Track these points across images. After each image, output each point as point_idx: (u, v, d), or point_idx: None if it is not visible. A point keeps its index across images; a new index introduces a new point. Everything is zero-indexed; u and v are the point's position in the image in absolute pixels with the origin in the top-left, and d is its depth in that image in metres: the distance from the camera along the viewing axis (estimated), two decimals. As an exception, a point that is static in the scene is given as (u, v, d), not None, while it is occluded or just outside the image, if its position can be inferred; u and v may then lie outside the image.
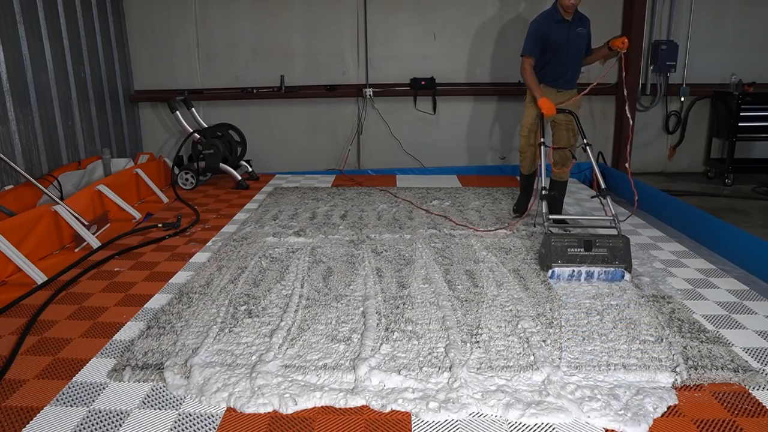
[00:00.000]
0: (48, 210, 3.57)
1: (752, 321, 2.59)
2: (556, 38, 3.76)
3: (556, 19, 3.75)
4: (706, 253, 3.57)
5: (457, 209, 4.55)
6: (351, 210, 4.54)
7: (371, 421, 1.89)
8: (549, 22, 3.76)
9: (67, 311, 2.73)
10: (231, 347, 2.32)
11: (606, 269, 2.97)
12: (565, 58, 3.81)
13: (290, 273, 3.16)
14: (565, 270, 2.98)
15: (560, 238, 3.07)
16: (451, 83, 6.12)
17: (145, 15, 6.05)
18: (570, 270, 2.97)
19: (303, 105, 6.25)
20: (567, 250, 3.00)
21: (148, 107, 6.31)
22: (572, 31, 3.77)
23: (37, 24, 4.58)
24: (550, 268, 3.00)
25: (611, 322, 2.55)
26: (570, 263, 2.98)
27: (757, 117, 5.64)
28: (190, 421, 1.88)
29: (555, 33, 3.75)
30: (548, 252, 3.04)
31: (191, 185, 5.48)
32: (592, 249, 2.99)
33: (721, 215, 4.17)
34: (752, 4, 5.87)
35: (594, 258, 2.97)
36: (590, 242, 3.01)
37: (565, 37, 3.76)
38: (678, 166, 6.33)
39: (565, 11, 3.72)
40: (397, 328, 2.48)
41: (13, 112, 4.24)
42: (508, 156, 6.27)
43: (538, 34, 3.77)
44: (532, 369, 2.14)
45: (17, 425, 1.85)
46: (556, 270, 3.00)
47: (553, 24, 3.75)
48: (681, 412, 1.93)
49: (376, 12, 6.02)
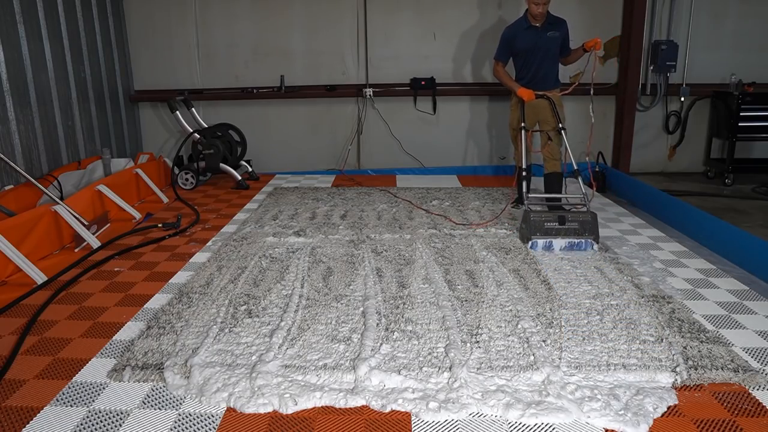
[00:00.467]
0: (48, 210, 3.57)
1: (752, 321, 2.59)
2: (523, 44, 4.17)
3: (524, 26, 4.16)
4: (706, 253, 3.57)
5: (457, 209, 4.55)
6: (351, 210, 4.54)
7: (371, 421, 1.89)
8: (518, 30, 4.20)
9: (67, 311, 2.73)
10: (231, 347, 2.32)
11: (577, 240, 3.46)
12: (534, 60, 4.20)
13: (290, 273, 3.16)
14: (541, 241, 3.47)
15: (538, 214, 3.56)
16: (451, 83, 6.12)
17: (145, 15, 6.05)
18: (546, 241, 3.46)
19: (303, 105, 6.25)
20: (544, 224, 3.49)
21: (148, 107, 6.31)
22: (542, 35, 4.14)
23: (37, 24, 4.58)
24: (530, 239, 3.49)
25: (611, 322, 2.55)
26: (547, 235, 3.47)
27: (757, 117, 5.63)
28: (190, 421, 1.88)
29: (522, 39, 4.16)
30: (528, 226, 3.53)
31: (191, 185, 5.48)
32: (565, 223, 3.49)
33: (721, 215, 4.17)
34: (752, 4, 5.87)
35: (567, 231, 3.48)
36: (563, 217, 3.50)
37: (533, 42, 4.15)
38: (678, 166, 6.33)
39: (534, 19, 4.12)
40: (397, 328, 2.48)
41: (13, 112, 4.24)
42: (507, 156, 6.26)
43: (505, 41, 4.26)
44: (532, 369, 2.14)
45: (17, 425, 1.85)
46: (538, 241, 3.48)
47: (521, 31, 4.17)
48: (681, 412, 1.93)
49: (376, 12, 6.02)
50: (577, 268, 3.20)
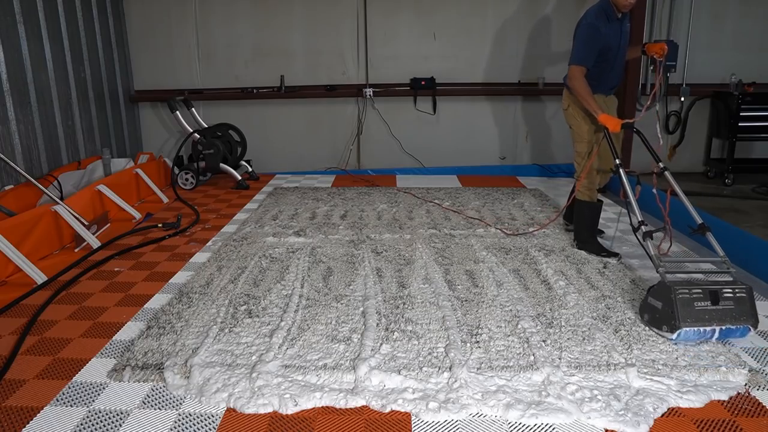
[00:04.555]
0: (48, 210, 3.57)
1: (752, 321, 2.58)
2: (611, 41, 3.30)
3: (611, 17, 3.27)
4: (706, 253, 3.56)
5: (457, 209, 4.55)
6: (351, 210, 4.54)
7: (371, 422, 1.89)
8: (604, 23, 3.25)
9: (67, 311, 2.73)
10: (231, 347, 2.32)
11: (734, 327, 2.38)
12: (618, 61, 3.40)
13: (290, 273, 3.16)
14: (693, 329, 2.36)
15: (685, 289, 2.40)
16: (451, 83, 6.11)
17: (145, 15, 6.05)
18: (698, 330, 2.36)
19: (303, 105, 6.24)
20: (694, 305, 2.38)
21: (148, 107, 6.30)
22: (623, 30, 3.37)
23: (37, 24, 4.57)
24: (677, 328, 2.34)
25: (612, 322, 2.55)
26: (699, 322, 2.36)
27: (757, 117, 5.63)
28: (190, 422, 1.88)
29: (610, 34, 3.29)
30: (672, 308, 2.37)
31: (191, 185, 5.48)
32: (719, 303, 2.39)
33: (721, 215, 4.17)
34: (752, 4, 5.86)
35: (722, 314, 2.38)
36: (716, 294, 2.41)
37: (617, 38, 3.33)
38: (678, 166, 6.32)
39: (619, 9, 3.26)
40: (397, 328, 2.48)
41: (13, 112, 4.24)
42: (507, 156, 6.27)
43: (595, 40, 3.23)
44: (532, 369, 2.14)
45: (17, 425, 1.85)
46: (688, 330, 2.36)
47: (608, 24, 3.27)
48: (681, 412, 1.93)
49: (376, 12, 6.02)
50: (580, 271, 3.20)
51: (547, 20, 5.88)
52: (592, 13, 3.29)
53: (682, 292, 2.39)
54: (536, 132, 6.25)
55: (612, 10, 3.25)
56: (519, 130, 6.29)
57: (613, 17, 3.27)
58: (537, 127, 6.24)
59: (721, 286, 2.44)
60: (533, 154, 6.32)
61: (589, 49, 3.25)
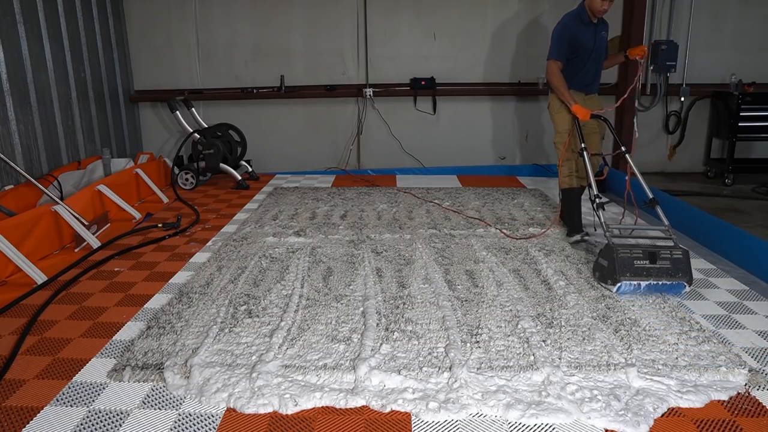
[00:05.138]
0: (48, 210, 3.57)
1: (752, 321, 2.59)
2: (584, 41, 3.67)
3: (584, 21, 3.67)
4: (706, 253, 3.57)
5: (457, 209, 4.54)
6: (351, 210, 4.54)
7: (371, 422, 1.89)
8: (577, 25, 3.67)
9: (67, 311, 2.73)
10: (231, 347, 2.32)
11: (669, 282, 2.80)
12: (592, 61, 3.75)
13: (290, 273, 3.15)
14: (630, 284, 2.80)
15: (626, 250, 2.84)
16: (451, 83, 6.12)
17: (145, 15, 6.05)
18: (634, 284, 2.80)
19: (303, 105, 6.25)
20: (633, 262, 2.80)
21: (148, 107, 6.31)
22: (598, 33, 3.73)
23: (37, 24, 4.58)
24: (618, 281, 2.79)
25: (612, 322, 2.55)
26: (636, 276, 2.79)
27: (757, 117, 5.64)
28: (190, 422, 1.88)
29: (583, 35, 3.67)
30: (614, 264, 2.81)
31: (191, 185, 5.48)
32: (657, 261, 2.79)
33: (721, 215, 4.17)
34: (752, 4, 5.87)
35: (659, 271, 2.79)
36: (655, 254, 2.82)
37: (592, 40, 3.70)
38: (678, 166, 6.33)
39: (593, 15, 3.65)
40: (397, 328, 2.48)
41: (13, 112, 4.24)
42: (507, 156, 6.27)
43: (566, 37, 3.66)
44: (532, 369, 2.14)
45: (17, 425, 1.85)
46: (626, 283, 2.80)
47: (582, 27, 3.67)
48: (681, 412, 1.93)
49: (376, 12, 6.02)
50: (580, 271, 3.21)
51: (547, 20, 5.88)
52: (567, 15, 3.76)
53: (623, 251, 2.84)
54: (536, 132, 6.25)
55: (587, 14, 3.66)
56: (519, 130, 6.29)
57: (588, 21, 3.68)
58: (537, 127, 6.24)
59: (659, 248, 2.86)
60: (533, 154, 6.31)
61: (561, 45, 3.67)
